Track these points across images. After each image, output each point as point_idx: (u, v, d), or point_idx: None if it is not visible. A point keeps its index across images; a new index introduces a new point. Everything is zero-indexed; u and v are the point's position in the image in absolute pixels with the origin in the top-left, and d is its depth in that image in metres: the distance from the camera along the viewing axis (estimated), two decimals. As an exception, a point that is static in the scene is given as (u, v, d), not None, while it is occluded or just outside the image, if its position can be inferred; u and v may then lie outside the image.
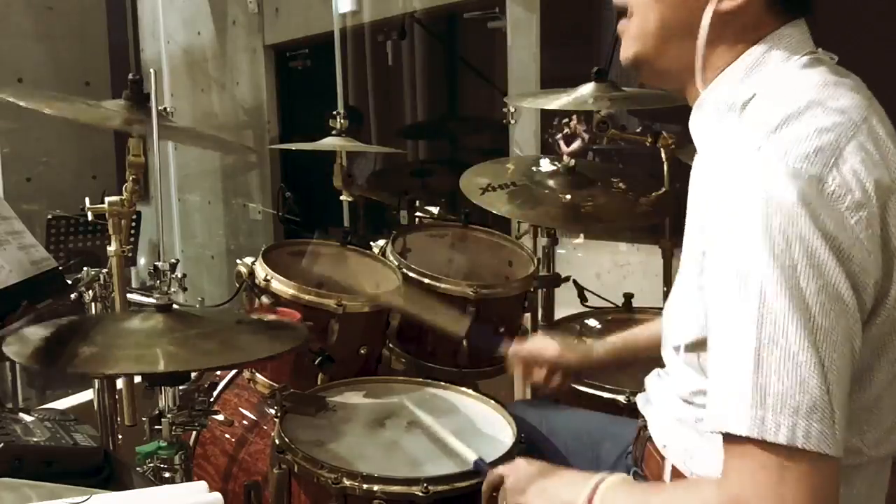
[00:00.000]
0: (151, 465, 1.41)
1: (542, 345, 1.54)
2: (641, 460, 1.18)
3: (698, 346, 0.95)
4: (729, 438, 0.82)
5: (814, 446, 0.77)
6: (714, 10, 0.95)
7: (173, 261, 1.53)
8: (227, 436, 1.83)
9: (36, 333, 1.28)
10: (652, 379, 1.21)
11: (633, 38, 1.03)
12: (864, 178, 0.82)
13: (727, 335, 0.83)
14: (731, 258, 0.83)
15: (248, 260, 1.83)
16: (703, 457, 0.99)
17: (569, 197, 2.03)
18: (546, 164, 2.15)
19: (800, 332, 0.78)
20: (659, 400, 1.16)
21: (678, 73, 1.01)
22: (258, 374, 1.83)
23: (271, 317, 1.64)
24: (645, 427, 1.18)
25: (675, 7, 0.98)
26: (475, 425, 1.51)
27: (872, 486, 0.96)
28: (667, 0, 0.98)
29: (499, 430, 1.47)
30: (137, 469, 1.37)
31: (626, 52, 1.04)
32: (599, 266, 3.14)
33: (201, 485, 0.95)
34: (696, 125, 1.04)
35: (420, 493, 1.25)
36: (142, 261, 4.32)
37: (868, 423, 0.90)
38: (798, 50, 0.95)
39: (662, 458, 1.09)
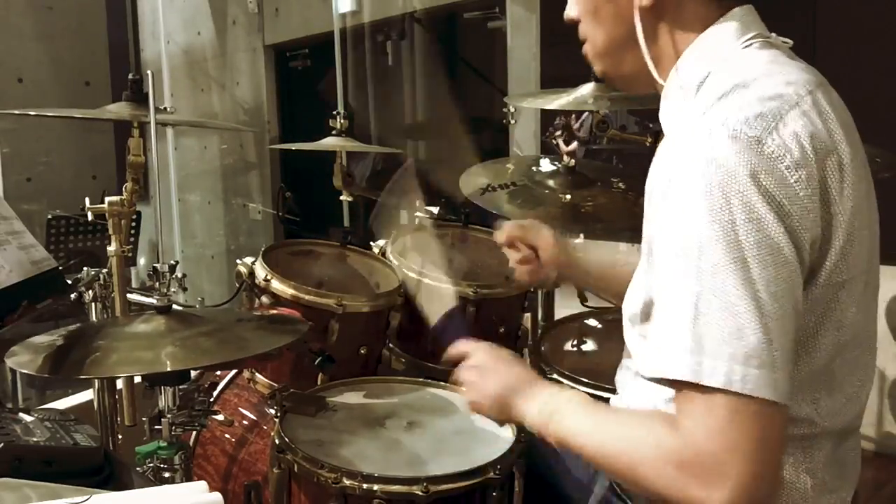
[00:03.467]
0: (151, 465, 1.41)
1: (538, 228, 1.53)
2: None
3: (648, 313, 0.98)
4: (677, 386, 0.85)
5: (751, 391, 0.80)
6: (639, 9, 1.00)
7: (172, 262, 1.53)
8: (227, 436, 1.83)
9: (40, 342, 1.29)
10: (620, 372, 1.23)
11: (592, 59, 1.10)
12: (804, 140, 0.86)
13: (669, 288, 0.86)
14: (673, 217, 0.86)
15: (248, 260, 1.83)
16: None
17: (569, 197, 2.03)
18: (546, 164, 2.15)
19: (738, 283, 0.81)
20: (627, 391, 1.18)
21: (641, 76, 1.05)
22: (258, 374, 1.83)
23: (272, 313, 1.64)
24: None
25: (612, 22, 1.04)
26: (475, 425, 1.50)
27: (833, 461, 0.97)
28: (604, 19, 1.05)
29: (499, 429, 1.47)
30: (137, 469, 1.37)
31: (595, 69, 1.11)
32: (599, 266, 3.13)
33: (201, 485, 0.95)
34: (663, 115, 1.07)
35: (420, 493, 1.25)
36: (142, 261, 4.32)
37: (819, 392, 0.93)
38: (747, 31, 0.99)
39: None
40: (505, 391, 1.11)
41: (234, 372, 1.94)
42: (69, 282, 1.63)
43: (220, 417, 1.59)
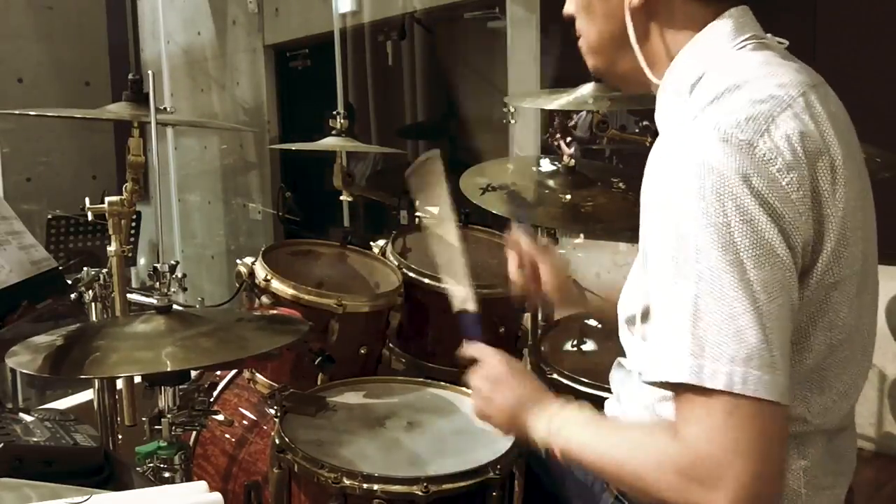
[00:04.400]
0: (151, 465, 1.41)
1: (549, 252, 1.48)
2: None
3: (647, 315, 0.98)
4: (677, 389, 0.85)
5: (752, 391, 0.80)
6: (630, 10, 1.01)
7: (173, 262, 1.53)
8: (227, 436, 1.83)
9: (40, 342, 1.29)
10: (614, 370, 1.23)
11: (586, 54, 1.10)
12: (795, 142, 0.86)
13: (667, 293, 0.86)
14: (668, 222, 0.86)
15: (248, 260, 1.83)
16: None
17: (569, 197, 2.03)
18: (546, 164, 2.15)
19: (735, 285, 0.82)
20: (621, 391, 1.18)
21: (634, 75, 1.05)
22: (258, 374, 1.83)
23: (272, 313, 1.65)
24: None
25: (603, 19, 1.04)
26: (475, 425, 1.50)
27: (826, 458, 0.97)
28: (596, 15, 1.05)
29: (499, 430, 1.47)
30: (137, 469, 1.37)
31: (589, 65, 1.12)
32: (599, 266, 3.14)
33: (201, 485, 0.95)
34: (658, 116, 1.08)
35: (420, 493, 1.25)
36: (142, 261, 4.32)
37: (811, 391, 0.93)
38: (741, 33, 0.99)
39: None
40: (515, 406, 1.09)
41: (234, 372, 1.94)
42: (69, 282, 1.63)
43: (220, 417, 1.59)
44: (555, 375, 1.77)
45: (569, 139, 2.05)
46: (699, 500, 0.82)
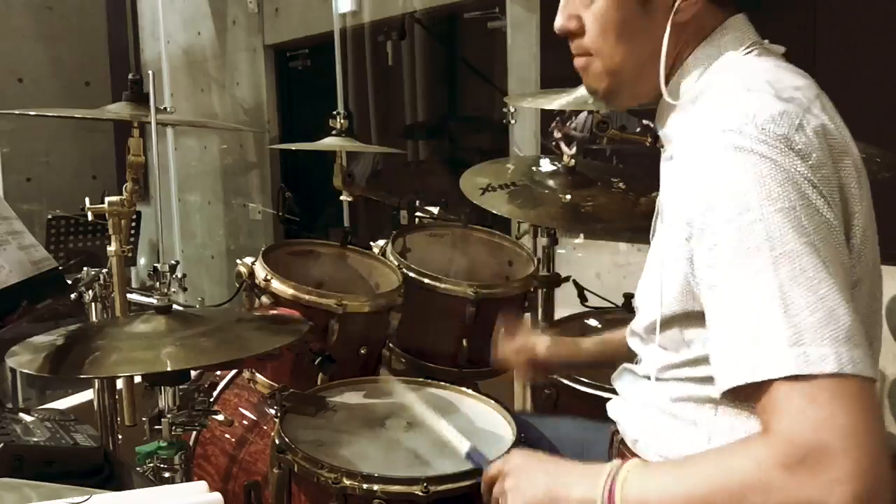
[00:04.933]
0: (151, 465, 1.41)
1: (532, 342, 1.51)
2: None
3: (677, 321, 0.97)
4: (764, 389, 0.80)
5: (860, 370, 0.78)
6: (671, 24, 0.98)
7: (173, 262, 1.53)
8: (227, 436, 1.83)
9: (40, 342, 1.29)
10: (618, 374, 1.22)
11: (600, 75, 1.05)
12: (822, 140, 0.86)
13: (741, 289, 0.83)
14: (727, 219, 0.84)
15: (248, 260, 1.83)
16: (675, 441, 1.01)
17: (569, 197, 2.03)
18: (546, 164, 2.15)
19: (816, 266, 0.80)
20: (628, 393, 1.17)
21: (649, 90, 1.04)
22: (258, 374, 1.83)
23: (273, 312, 1.65)
24: (617, 432, 1.19)
25: (641, 38, 1.00)
26: (475, 425, 1.51)
27: None
28: (632, 35, 1.00)
29: (499, 429, 1.47)
30: (137, 469, 1.37)
31: (596, 86, 1.06)
32: (599, 266, 3.14)
33: (201, 485, 0.95)
34: (665, 128, 1.07)
35: (420, 493, 1.25)
36: (142, 261, 4.32)
37: None
38: (745, 41, 0.99)
39: (636, 456, 1.09)
40: (549, 482, 0.99)
41: (234, 372, 1.94)
42: (69, 282, 1.63)
43: (220, 417, 1.59)
44: (555, 375, 1.77)
45: (572, 143, 2.04)
46: (817, 494, 0.76)
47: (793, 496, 0.77)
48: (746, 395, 0.84)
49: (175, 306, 1.40)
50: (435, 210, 2.30)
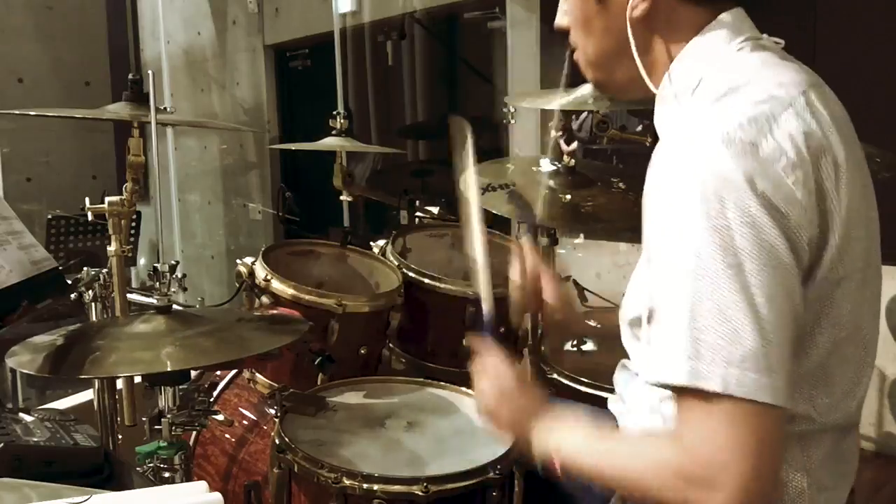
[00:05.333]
0: (151, 465, 1.41)
1: (553, 278, 1.43)
2: None
3: (651, 317, 0.98)
4: (676, 391, 0.86)
5: (748, 394, 0.81)
6: (630, 20, 1.00)
7: (173, 262, 1.53)
8: (227, 436, 1.83)
9: (40, 342, 1.29)
10: (618, 372, 1.23)
11: (584, 67, 1.10)
12: (798, 140, 0.86)
13: (666, 293, 0.87)
14: (669, 224, 0.87)
15: (248, 260, 1.83)
16: None
17: (569, 197, 2.03)
18: (546, 164, 2.15)
19: (734, 288, 0.82)
20: (626, 391, 1.18)
21: (634, 83, 1.05)
22: (258, 374, 1.83)
23: (272, 312, 1.65)
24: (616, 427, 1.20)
25: (602, 34, 1.04)
26: (475, 425, 1.51)
27: (830, 457, 0.97)
28: (594, 31, 1.04)
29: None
30: (137, 469, 1.37)
31: (588, 77, 1.12)
32: (599, 266, 3.14)
33: (201, 485, 0.95)
34: (657, 120, 1.07)
35: (420, 493, 1.25)
36: (142, 261, 4.32)
37: (816, 389, 0.93)
38: (737, 35, 0.99)
39: None
40: (520, 420, 1.09)
41: (234, 372, 1.94)
42: (69, 282, 1.63)
43: (220, 417, 1.59)
44: (555, 375, 1.77)
45: (574, 142, 2.04)
46: (696, 500, 0.83)
47: (678, 499, 0.85)
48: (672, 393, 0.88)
49: (175, 306, 1.41)
50: (435, 210, 2.30)
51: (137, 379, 1.64)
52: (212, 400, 1.84)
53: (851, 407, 0.98)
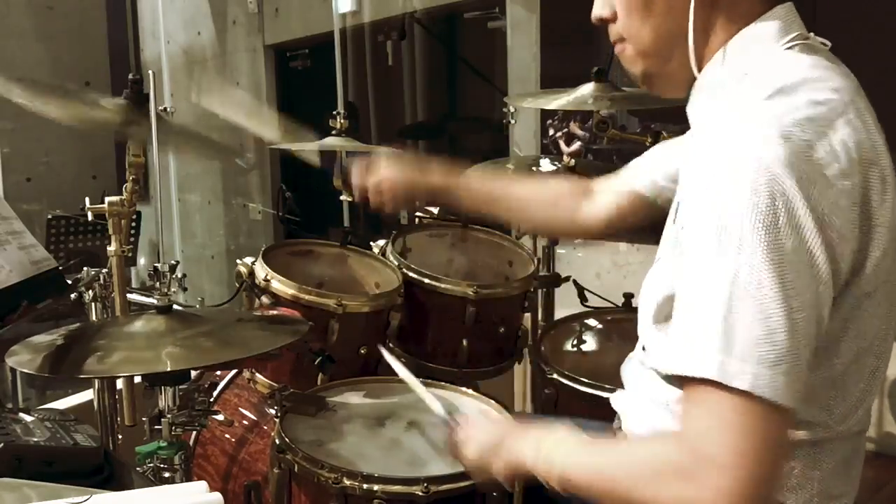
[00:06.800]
0: (151, 465, 1.41)
1: (376, 165, 1.49)
2: None
3: (670, 306, 0.96)
4: (689, 383, 0.83)
5: (776, 396, 0.79)
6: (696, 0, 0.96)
7: (173, 262, 1.53)
8: (227, 436, 1.83)
9: (40, 342, 1.29)
10: (628, 365, 1.21)
11: (634, 58, 1.05)
12: (851, 149, 0.85)
13: (700, 283, 0.84)
14: (713, 212, 0.84)
15: (248, 260, 1.83)
16: None
17: (569, 197, 2.03)
18: (546, 164, 2.15)
19: (774, 286, 0.80)
20: (635, 386, 1.16)
21: (684, 74, 1.02)
22: (258, 374, 1.83)
23: (273, 313, 1.65)
24: (619, 428, 1.19)
25: (665, 15, 0.99)
26: (475, 425, 1.50)
27: (841, 463, 0.97)
28: (656, 12, 0.99)
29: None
30: (137, 469, 1.37)
31: (634, 70, 1.06)
32: (599, 266, 3.14)
33: (201, 485, 0.95)
34: (692, 108, 1.05)
35: (420, 493, 1.25)
36: (142, 261, 4.32)
37: (834, 398, 0.92)
38: (787, 32, 0.96)
39: None
40: (497, 437, 1.08)
41: (234, 372, 1.94)
42: (69, 282, 1.63)
43: (220, 417, 1.59)
44: (555, 375, 1.77)
45: (577, 143, 2.04)
46: (692, 496, 0.81)
47: (674, 497, 0.82)
48: (679, 385, 0.86)
49: (175, 306, 1.40)
50: (435, 210, 2.30)
51: (137, 379, 1.63)
52: (212, 400, 1.84)
53: (861, 413, 0.97)
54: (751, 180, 0.81)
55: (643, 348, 1.14)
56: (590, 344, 2.02)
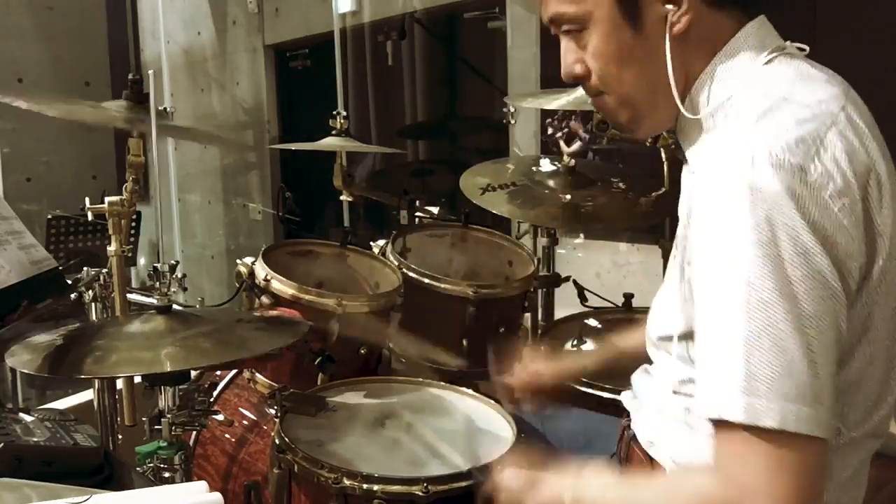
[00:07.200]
0: (151, 465, 1.41)
1: (535, 369, 1.48)
2: (626, 460, 1.18)
3: (687, 337, 0.97)
4: (722, 425, 0.84)
5: (803, 429, 0.80)
6: (670, 38, 0.96)
7: (173, 262, 1.53)
8: (227, 436, 1.83)
9: (40, 342, 1.29)
10: (639, 375, 1.21)
11: (616, 108, 1.04)
12: (844, 165, 0.85)
13: (716, 324, 0.85)
14: (718, 249, 0.85)
15: (248, 260, 1.83)
16: (690, 450, 1.00)
17: (569, 197, 2.03)
18: (546, 164, 2.15)
19: (787, 320, 0.80)
20: (646, 396, 1.16)
21: (670, 111, 1.01)
22: (258, 374, 1.83)
23: (273, 313, 1.65)
24: (628, 427, 1.19)
25: (645, 62, 0.99)
26: (475, 425, 1.51)
27: (849, 467, 0.97)
28: (636, 62, 0.99)
29: (499, 429, 1.47)
30: (137, 469, 1.37)
31: (619, 119, 1.06)
32: (599, 266, 3.14)
33: (201, 485, 0.95)
34: (682, 137, 1.05)
35: (420, 493, 1.25)
36: (142, 261, 4.32)
37: (848, 405, 0.92)
38: (765, 46, 0.96)
39: (648, 457, 1.09)
40: (532, 476, 1.07)
41: (234, 372, 1.94)
42: (69, 282, 1.63)
43: (220, 417, 1.59)
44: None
45: (577, 143, 2.04)
46: None
47: None
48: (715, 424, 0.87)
49: (175, 306, 1.40)
50: (435, 210, 2.30)
51: (137, 379, 1.63)
52: (212, 400, 1.84)
53: (876, 419, 0.96)
54: (751, 214, 0.82)
55: (652, 364, 1.15)
56: (590, 344, 2.02)
